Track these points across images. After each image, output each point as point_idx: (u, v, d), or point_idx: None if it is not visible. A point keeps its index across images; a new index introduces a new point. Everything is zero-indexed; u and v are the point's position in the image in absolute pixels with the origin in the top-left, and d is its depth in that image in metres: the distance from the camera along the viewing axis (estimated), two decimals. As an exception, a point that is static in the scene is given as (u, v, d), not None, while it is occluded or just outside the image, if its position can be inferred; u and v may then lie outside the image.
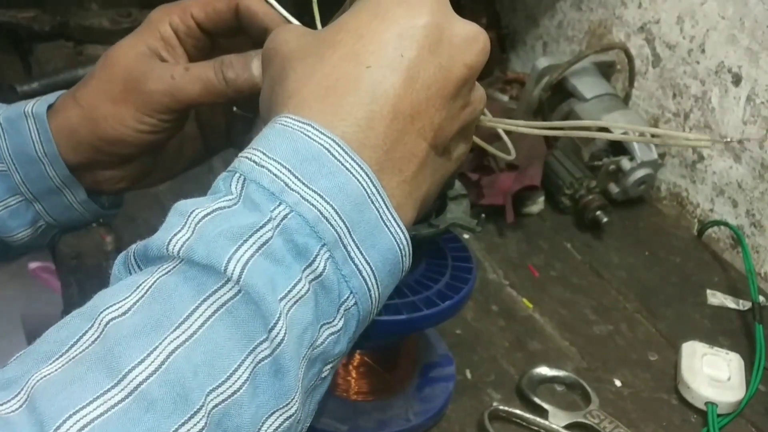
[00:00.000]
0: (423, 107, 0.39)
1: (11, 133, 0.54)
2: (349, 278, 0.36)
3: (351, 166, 0.36)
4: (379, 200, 0.37)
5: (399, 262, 0.38)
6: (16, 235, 0.57)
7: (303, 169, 0.35)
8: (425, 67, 0.39)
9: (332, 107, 0.38)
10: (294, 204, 0.35)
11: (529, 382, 0.70)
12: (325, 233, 0.35)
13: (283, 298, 0.33)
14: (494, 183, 0.91)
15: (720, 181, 0.97)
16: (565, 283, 0.86)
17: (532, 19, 1.31)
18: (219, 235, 0.33)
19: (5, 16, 1.03)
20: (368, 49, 0.39)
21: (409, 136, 0.39)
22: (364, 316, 0.37)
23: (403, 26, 0.39)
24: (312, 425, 0.60)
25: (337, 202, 0.35)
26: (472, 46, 0.41)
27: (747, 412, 0.71)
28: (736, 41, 0.92)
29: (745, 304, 0.85)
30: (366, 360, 0.62)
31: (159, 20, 0.54)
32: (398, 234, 0.38)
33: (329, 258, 0.35)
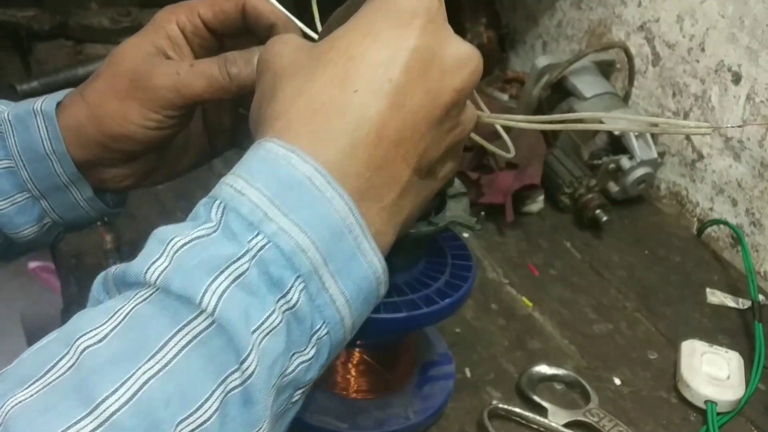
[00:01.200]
0: (408, 133, 0.39)
1: (20, 129, 0.54)
2: (323, 308, 0.36)
3: (332, 195, 0.36)
4: (357, 230, 0.37)
5: (374, 290, 0.38)
6: (22, 231, 0.57)
7: (283, 199, 0.36)
8: (413, 92, 0.39)
9: (317, 132, 0.38)
10: (272, 235, 0.35)
11: (529, 381, 0.70)
12: (301, 265, 0.35)
13: (255, 330, 0.33)
14: (494, 182, 0.91)
15: (720, 180, 0.97)
16: (564, 281, 0.86)
17: (532, 18, 1.31)
18: (196, 266, 0.34)
19: (5, 15, 1.04)
20: (357, 72, 0.39)
21: (392, 162, 0.39)
22: (336, 343, 0.37)
23: (393, 49, 0.39)
24: (312, 424, 0.60)
25: (315, 233, 0.35)
26: (463, 70, 0.41)
27: (746, 410, 0.71)
28: (736, 40, 0.92)
29: (745, 303, 0.85)
30: (365, 358, 0.62)
31: (166, 19, 0.55)
32: (374, 263, 0.38)
33: (303, 289, 0.35)
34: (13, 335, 1.52)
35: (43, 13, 1.05)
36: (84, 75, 1.02)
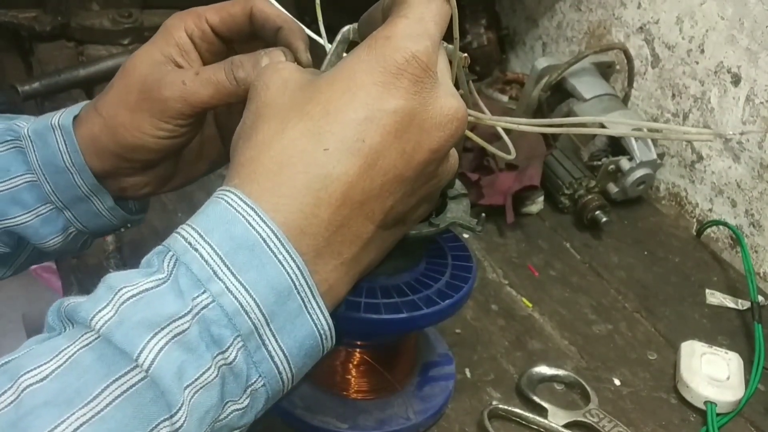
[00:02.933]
0: (376, 192, 0.39)
1: (39, 144, 0.56)
2: (259, 364, 0.37)
3: (284, 258, 0.37)
4: (306, 290, 0.38)
5: (318, 345, 0.39)
6: (48, 241, 0.58)
7: (234, 258, 0.36)
8: (386, 154, 0.39)
9: (280, 187, 0.38)
10: (217, 294, 0.36)
11: (529, 381, 0.70)
12: (242, 325, 0.36)
13: (189, 386, 0.35)
14: (494, 183, 0.92)
15: (719, 181, 0.98)
16: (564, 282, 0.86)
17: (532, 19, 1.31)
18: (138, 322, 0.35)
19: (7, 17, 1.04)
20: (330, 129, 0.39)
21: (355, 220, 0.39)
22: (273, 393, 0.38)
23: (372, 109, 0.39)
24: (312, 424, 0.60)
25: (260, 294, 0.36)
26: (443, 131, 0.41)
27: (746, 411, 0.71)
28: (736, 41, 0.92)
29: (744, 304, 0.85)
30: (366, 359, 0.62)
31: (174, 27, 0.55)
32: (320, 321, 0.39)
33: (242, 347, 0.36)
34: (14, 335, 1.53)
35: (44, 14, 1.05)
36: (85, 76, 1.02)
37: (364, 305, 0.53)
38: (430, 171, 0.42)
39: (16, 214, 0.57)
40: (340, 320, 0.52)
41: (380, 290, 0.55)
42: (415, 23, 0.41)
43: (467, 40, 1.23)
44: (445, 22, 0.43)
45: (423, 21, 0.41)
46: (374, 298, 0.54)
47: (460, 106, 0.42)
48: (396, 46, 0.39)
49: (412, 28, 0.40)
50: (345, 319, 0.53)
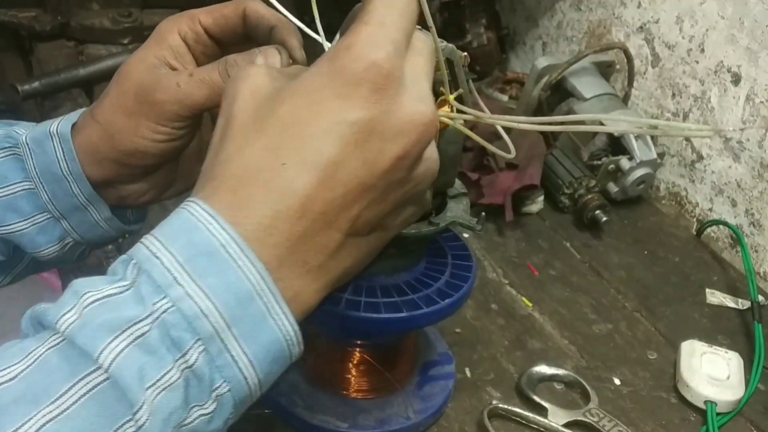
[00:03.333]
0: (338, 202, 0.40)
1: (37, 152, 0.56)
2: (223, 368, 0.37)
3: (243, 263, 0.37)
4: (269, 296, 0.38)
5: (284, 351, 0.40)
6: (44, 250, 0.58)
7: (195, 264, 0.37)
8: (345, 165, 0.39)
9: (240, 201, 0.39)
10: (177, 299, 0.36)
11: (529, 381, 0.70)
12: (201, 329, 0.36)
13: (150, 387, 0.35)
14: (494, 182, 0.92)
15: (719, 181, 0.98)
16: (564, 282, 0.86)
17: (532, 19, 1.31)
18: (100, 324, 0.36)
19: (6, 16, 1.04)
20: (289, 144, 0.39)
21: (318, 230, 0.40)
22: (240, 399, 0.38)
23: (331, 121, 0.39)
24: (313, 423, 0.60)
25: (220, 299, 0.37)
26: (406, 137, 0.40)
27: (746, 410, 0.71)
28: (736, 41, 0.92)
29: (745, 304, 0.85)
30: (366, 358, 0.62)
31: (166, 30, 0.55)
32: (285, 327, 0.39)
33: (203, 350, 0.37)
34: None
35: (44, 14, 1.05)
36: (85, 75, 1.02)
37: (364, 304, 0.53)
38: (400, 177, 0.42)
39: (13, 221, 0.57)
40: (340, 319, 0.53)
41: (380, 289, 0.55)
42: (377, 29, 0.40)
43: (467, 39, 1.23)
44: (410, 23, 0.42)
45: (384, 26, 0.41)
46: (374, 297, 0.54)
47: (427, 110, 0.41)
48: (355, 55, 0.39)
49: (372, 35, 0.40)
50: (345, 318, 0.53)
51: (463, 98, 0.50)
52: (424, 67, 0.43)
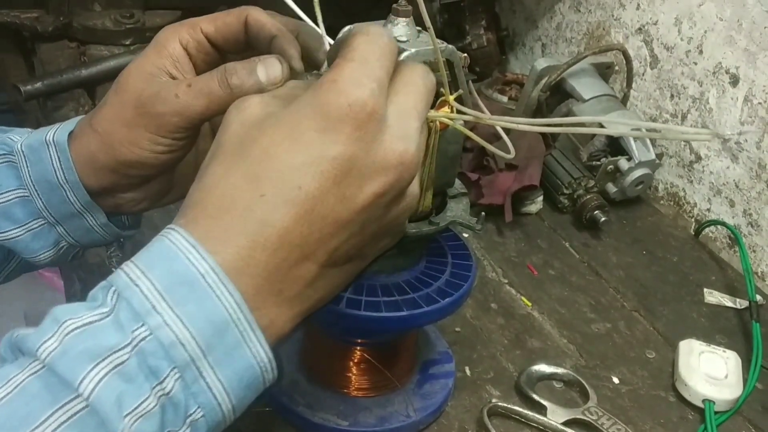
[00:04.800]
0: (315, 237, 0.40)
1: (33, 160, 0.55)
2: (198, 395, 0.38)
3: (221, 292, 0.38)
4: (245, 324, 0.39)
5: (258, 378, 0.40)
6: (39, 255, 0.58)
7: (173, 293, 0.38)
8: (324, 200, 0.40)
9: (219, 230, 0.39)
10: (155, 327, 0.37)
11: (528, 379, 0.71)
12: (178, 357, 0.37)
13: (128, 414, 0.36)
14: (493, 183, 0.92)
15: (717, 181, 0.98)
16: (563, 281, 0.87)
17: (531, 21, 1.32)
18: (80, 352, 0.36)
19: (9, 17, 1.04)
20: (268, 176, 0.40)
21: (295, 263, 0.40)
22: (214, 425, 0.39)
23: (311, 155, 0.39)
24: (313, 421, 0.61)
25: (197, 327, 0.37)
26: (386, 176, 0.41)
27: (744, 409, 0.71)
28: (734, 42, 0.93)
29: (742, 303, 0.86)
30: (366, 356, 0.63)
31: (166, 39, 0.54)
32: (260, 354, 0.40)
33: (179, 378, 0.37)
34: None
35: (46, 15, 1.05)
36: (87, 76, 1.02)
37: (364, 303, 0.53)
38: (378, 214, 0.42)
39: (7, 228, 0.56)
40: (341, 317, 0.53)
41: (381, 288, 0.55)
42: (360, 66, 0.41)
43: (467, 40, 1.24)
44: (390, 62, 0.43)
45: (367, 63, 0.41)
46: (375, 296, 0.54)
47: (407, 149, 0.41)
48: (339, 91, 0.40)
49: (356, 71, 0.41)
50: (346, 316, 0.53)
51: (463, 99, 0.51)
52: (415, 104, 0.44)
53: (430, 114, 0.49)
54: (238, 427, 0.61)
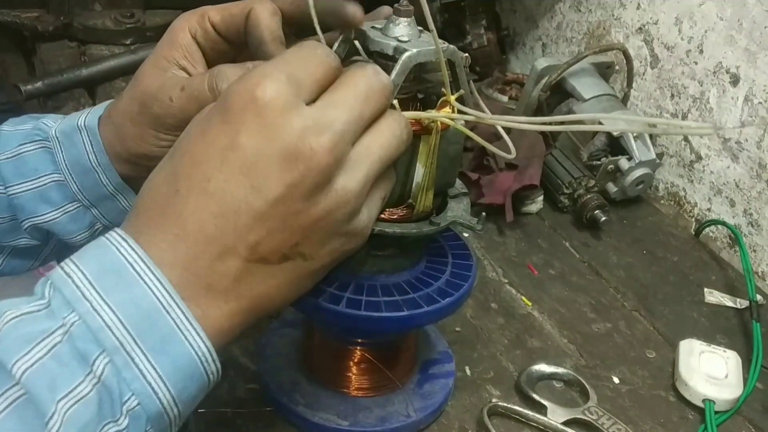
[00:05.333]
0: (231, 228, 0.40)
1: (67, 145, 0.58)
2: (131, 381, 0.38)
3: (150, 279, 0.39)
4: (177, 312, 0.39)
5: (198, 367, 0.40)
6: (75, 237, 0.60)
7: (103, 281, 0.39)
8: (233, 190, 0.40)
9: (147, 227, 0.41)
10: (83, 313, 0.38)
11: (528, 379, 0.71)
12: (106, 341, 0.38)
13: (62, 399, 0.36)
14: (494, 182, 0.92)
15: (717, 181, 0.98)
16: (563, 281, 0.87)
17: (532, 20, 1.32)
18: (16, 338, 0.37)
19: (9, 16, 1.04)
20: (182, 171, 0.41)
21: (215, 255, 0.41)
22: (153, 414, 0.39)
23: (217, 148, 0.40)
24: (313, 421, 0.61)
25: (125, 313, 0.38)
26: (296, 165, 0.40)
27: (744, 409, 0.71)
28: (734, 42, 0.93)
29: (743, 303, 0.86)
30: (366, 356, 0.63)
31: (178, 28, 0.55)
32: (197, 342, 0.40)
33: (109, 362, 0.38)
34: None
35: (47, 14, 1.05)
36: (87, 76, 1.02)
37: (365, 303, 0.53)
38: (297, 207, 0.41)
39: (45, 211, 0.58)
40: (341, 317, 0.53)
41: (381, 288, 0.55)
42: (274, 63, 0.42)
43: (467, 40, 1.24)
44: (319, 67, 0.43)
45: (284, 62, 0.42)
46: (375, 296, 0.54)
47: (321, 138, 0.41)
48: (244, 82, 0.41)
49: (268, 67, 0.42)
50: (346, 316, 0.53)
51: (464, 99, 0.51)
52: (346, 98, 0.43)
53: (432, 114, 0.49)
54: (238, 426, 0.62)
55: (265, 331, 0.70)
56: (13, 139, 0.59)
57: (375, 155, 0.44)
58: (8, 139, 0.59)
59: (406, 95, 0.51)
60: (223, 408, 0.63)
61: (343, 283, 0.55)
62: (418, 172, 0.52)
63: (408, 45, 0.48)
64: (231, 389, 0.65)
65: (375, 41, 0.49)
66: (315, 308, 0.54)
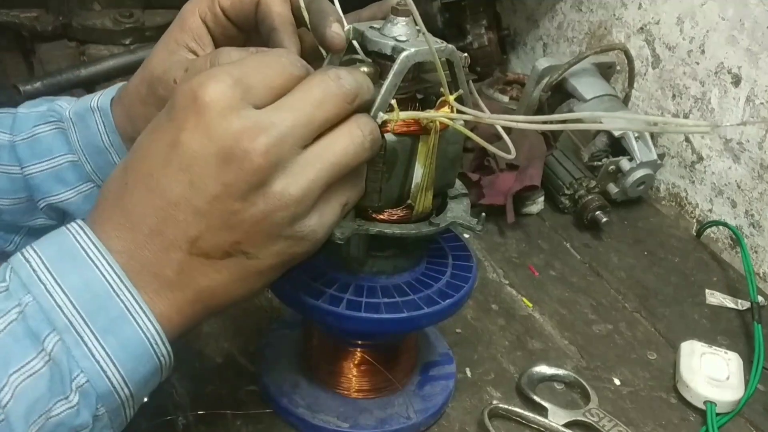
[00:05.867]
0: (172, 221, 0.42)
1: (81, 126, 0.59)
2: (80, 359, 0.40)
3: (101, 264, 0.41)
4: (127, 295, 0.41)
5: (148, 349, 0.42)
6: None
7: (58, 265, 0.41)
8: (173, 185, 0.41)
9: (100, 216, 0.43)
10: (37, 295, 0.40)
11: (529, 381, 0.70)
12: (57, 320, 0.40)
13: (14, 372, 0.39)
14: (494, 183, 0.92)
15: (719, 182, 0.98)
16: (564, 282, 0.87)
17: (533, 20, 1.32)
18: None
19: (9, 16, 1.04)
20: (132, 166, 0.43)
21: (158, 246, 0.42)
22: (103, 393, 0.40)
23: (161, 145, 0.42)
24: (314, 423, 0.61)
25: (76, 295, 0.40)
26: (231, 165, 0.41)
27: (746, 411, 0.71)
28: (736, 42, 0.93)
29: (744, 304, 0.85)
30: (367, 358, 0.62)
31: (188, 11, 0.57)
32: (146, 325, 0.41)
33: (59, 341, 0.40)
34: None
35: (46, 14, 1.05)
36: (86, 76, 1.02)
37: (365, 305, 0.53)
38: (235, 207, 0.41)
39: (60, 191, 0.60)
40: (341, 319, 0.53)
41: (381, 289, 0.55)
42: (221, 67, 0.43)
43: (468, 40, 1.23)
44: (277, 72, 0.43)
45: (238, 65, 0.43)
46: (375, 297, 0.54)
47: (258, 139, 0.41)
48: (189, 82, 0.42)
49: (213, 69, 0.42)
50: (346, 318, 0.53)
51: (463, 99, 0.50)
52: (294, 102, 0.43)
53: (430, 114, 0.49)
54: (238, 428, 0.62)
55: (265, 332, 0.70)
56: (28, 120, 0.60)
57: (326, 161, 0.43)
58: (24, 121, 0.60)
59: (405, 95, 0.51)
60: (223, 410, 0.63)
61: (343, 284, 0.55)
62: (417, 172, 0.51)
63: (406, 45, 0.48)
64: (231, 391, 0.65)
65: (373, 41, 0.49)
66: (315, 310, 0.53)
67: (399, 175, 0.51)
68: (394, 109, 0.48)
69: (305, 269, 0.56)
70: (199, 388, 0.65)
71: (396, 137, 0.49)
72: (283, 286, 0.55)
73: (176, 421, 0.62)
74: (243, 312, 0.74)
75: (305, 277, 0.55)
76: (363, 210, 0.52)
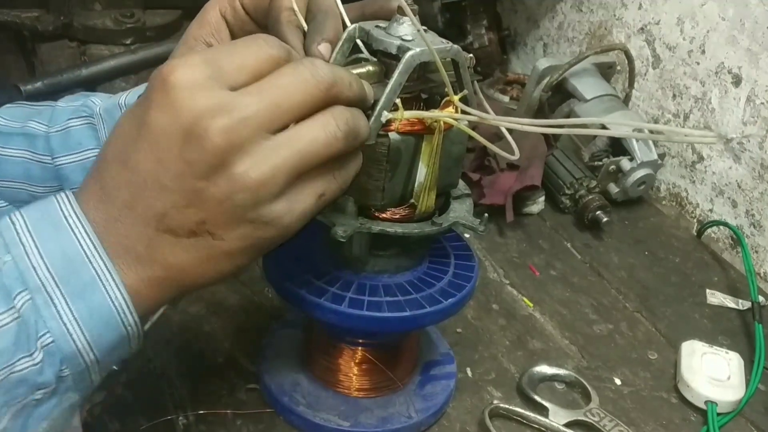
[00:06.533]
0: (140, 197, 0.43)
1: (109, 122, 0.62)
2: (48, 320, 0.41)
3: (79, 231, 0.43)
4: (99, 262, 0.43)
5: (114, 316, 0.43)
6: None
7: (39, 229, 0.43)
8: (143, 161, 0.42)
9: (85, 189, 0.45)
10: (16, 255, 0.42)
11: (530, 381, 0.70)
12: (30, 280, 0.42)
13: None
14: (495, 183, 0.92)
15: (719, 182, 0.98)
16: (565, 282, 0.87)
17: (533, 20, 1.32)
18: None
19: (9, 16, 1.04)
20: (111, 142, 0.45)
21: (128, 218, 0.43)
22: (67, 354, 0.42)
23: (134, 122, 0.43)
24: (315, 422, 0.61)
25: (51, 259, 0.42)
26: (190, 144, 0.41)
27: (747, 411, 0.71)
28: (736, 42, 0.93)
29: (745, 304, 0.85)
30: (368, 357, 0.62)
31: (210, 6, 0.57)
32: (115, 293, 0.43)
33: (30, 300, 0.41)
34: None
35: (47, 14, 1.05)
36: (87, 76, 1.02)
37: (367, 303, 0.53)
38: (197, 186, 0.42)
39: None
40: (344, 317, 0.53)
41: (383, 288, 0.55)
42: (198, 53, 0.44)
43: (468, 40, 1.23)
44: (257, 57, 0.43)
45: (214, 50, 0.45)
46: (377, 296, 0.54)
47: (217, 120, 0.41)
48: (163, 65, 0.43)
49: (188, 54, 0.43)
50: (348, 316, 0.53)
51: (467, 99, 0.50)
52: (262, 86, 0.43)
53: (434, 114, 0.49)
54: (239, 427, 0.62)
55: (266, 331, 0.70)
56: (64, 114, 0.64)
57: (293, 149, 0.43)
58: (60, 114, 0.64)
59: (410, 94, 0.51)
60: (224, 409, 0.63)
61: (345, 282, 0.55)
62: (421, 171, 0.51)
63: (411, 44, 0.48)
64: (231, 390, 0.65)
65: (378, 40, 0.49)
66: (317, 308, 0.54)
67: (402, 174, 0.51)
68: (399, 108, 0.48)
69: (308, 267, 0.56)
70: (199, 387, 0.65)
71: (400, 136, 0.50)
72: (285, 284, 0.55)
73: (176, 420, 0.62)
74: (243, 311, 0.75)
75: (308, 276, 0.55)
76: (366, 209, 0.52)
